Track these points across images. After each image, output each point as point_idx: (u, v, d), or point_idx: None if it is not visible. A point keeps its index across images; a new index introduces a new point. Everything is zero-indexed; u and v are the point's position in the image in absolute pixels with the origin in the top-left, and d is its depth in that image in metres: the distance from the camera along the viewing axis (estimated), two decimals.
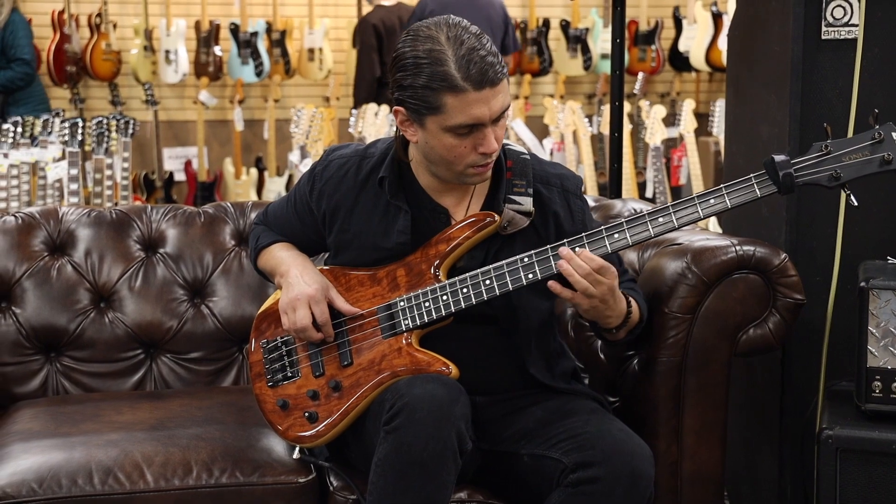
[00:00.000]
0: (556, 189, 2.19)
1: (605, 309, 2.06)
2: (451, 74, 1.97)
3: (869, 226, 2.52)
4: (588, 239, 2.06)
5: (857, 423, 2.21)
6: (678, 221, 2.03)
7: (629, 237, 2.05)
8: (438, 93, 1.98)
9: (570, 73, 7.96)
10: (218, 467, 2.14)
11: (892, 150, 1.96)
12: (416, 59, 1.99)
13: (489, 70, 1.97)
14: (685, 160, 5.49)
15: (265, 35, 7.52)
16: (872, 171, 1.97)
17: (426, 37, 2.01)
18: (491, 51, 2.00)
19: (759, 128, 2.68)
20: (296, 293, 2.17)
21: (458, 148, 2.03)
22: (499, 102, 2.01)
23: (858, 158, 1.97)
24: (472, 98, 1.98)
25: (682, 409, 2.24)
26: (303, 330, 2.15)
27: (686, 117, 5.47)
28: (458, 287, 2.10)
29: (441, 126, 2.02)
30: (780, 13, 2.56)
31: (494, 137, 2.03)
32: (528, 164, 2.18)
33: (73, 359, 2.64)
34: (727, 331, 2.24)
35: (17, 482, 2.08)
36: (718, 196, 2.02)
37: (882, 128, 1.97)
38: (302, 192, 2.29)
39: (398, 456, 1.95)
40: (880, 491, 2.17)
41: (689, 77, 8.18)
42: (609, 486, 1.95)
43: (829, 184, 1.99)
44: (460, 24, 2.03)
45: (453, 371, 2.08)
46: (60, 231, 2.72)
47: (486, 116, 2.00)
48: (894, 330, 2.19)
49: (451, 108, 1.99)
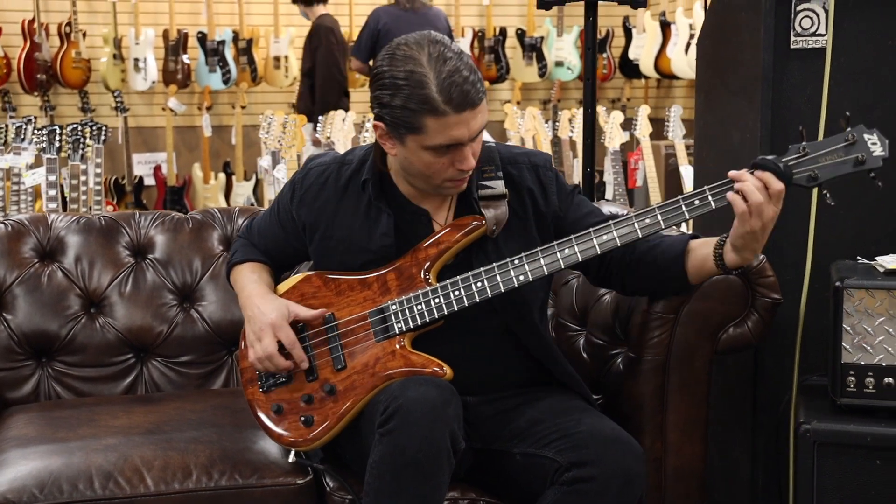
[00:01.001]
0: (524, 166, 2.17)
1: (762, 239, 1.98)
2: (432, 98, 1.91)
3: (837, 227, 2.51)
4: (577, 241, 2.03)
5: (832, 417, 2.20)
6: (665, 223, 2.01)
7: (617, 236, 2.02)
8: (419, 114, 1.93)
9: (526, 79, 7.96)
10: (217, 470, 2.09)
11: (864, 151, 1.96)
12: (395, 80, 1.93)
13: (470, 92, 1.92)
14: (641, 163, 5.49)
15: (232, 43, 7.44)
16: (847, 172, 1.97)
17: (406, 56, 1.94)
18: (472, 70, 1.95)
19: (731, 134, 2.67)
20: (258, 325, 2.12)
21: (435, 164, 2.00)
22: (478, 122, 1.96)
23: (834, 159, 1.97)
24: (452, 121, 1.93)
25: (666, 407, 2.22)
26: (269, 357, 2.09)
27: (642, 122, 5.48)
28: (450, 290, 2.06)
29: (420, 145, 1.98)
30: (751, 23, 2.55)
31: (472, 153, 2.00)
32: (494, 150, 2.16)
33: (64, 364, 2.57)
34: (708, 330, 2.23)
35: (18, 488, 2.01)
36: (702, 197, 2.00)
37: (854, 130, 1.97)
38: (284, 202, 2.24)
39: (393, 458, 1.90)
40: (855, 482, 2.16)
41: (639, 84, 8.21)
42: (603, 485, 1.92)
43: (807, 184, 1.98)
44: (442, 41, 1.97)
45: (447, 372, 2.04)
46: (50, 238, 2.64)
47: (466, 137, 1.96)
48: (867, 327, 2.18)
49: (431, 130, 1.94)
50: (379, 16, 6.36)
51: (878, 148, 1.95)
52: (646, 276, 2.14)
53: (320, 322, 2.13)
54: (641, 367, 2.22)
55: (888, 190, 2.51)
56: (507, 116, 6.30)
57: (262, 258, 2.28)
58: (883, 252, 2.41)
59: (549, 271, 2.04)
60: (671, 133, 5.55)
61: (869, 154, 1.95)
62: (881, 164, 1.95)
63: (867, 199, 2.54)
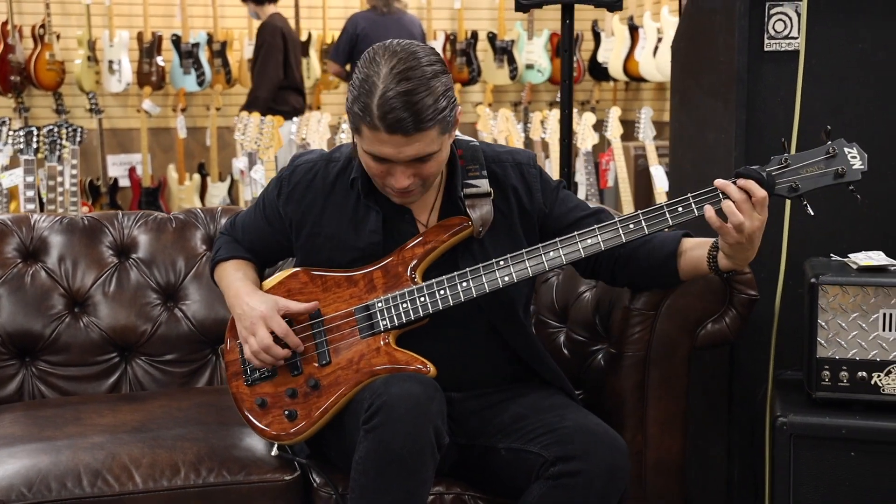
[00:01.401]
0: (508, 164, 2.17)
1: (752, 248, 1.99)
2: (370, 110, 1.89)
3: (810, 227, 2.53)
4: (562, 244, 2.04)
5: (808, 410, 2.22)
6: (648, 230, 2.02)
7: (601, 241, 2.03)
8: (359, 119, 1.92)
9: (497, 82, 7.97)
10: (205, 467, 2.07)
11: (844, 164, 1.98)
12: (356, 80, 1.94)
13: (405, 120, 1.88)
14: (613, 164, 5.51)
15: (206, 46, 7.39)
16: (827, 184, 1.99)
17: (372, 61, 1.93)
18: (425, 98, 1.88)
19: (706, 134, 2.69)
20: (249, 320, 2.11)
21: (373, 169, 2.00)
22: (412, 150, 1.93)
23: (814, 171, 1.99)
24: (383, 137, 1.91)
25: (647, 402, 2.24)
26: (267, 349, 2.08)
27: (613, 124, 5.50)
28: (436, 289, 2.06)
29: (361, 146, 1.99)
30: (725, 26, 2.57)
31: (415, 173, 1.97)
32: (478, 149, 2.16)
33: (48, 363, 2.54)
34: (688, 326, 2.24)
35: (6, 486, 1.99)
36: (686, 205, 2.00)
37: (835, 143, 1.99)
38: (270, 198, 2.22)
39: (378, 454, 1.90)
40: (830, 473, 2.18)
41: (608, 86, 8.24)
42: (589, 479, 1.93)
43: (788, 194, 2.00)
44: (418, 60, 1.92)
45: (431, 370, 2.04)
46: (33, 238, 2.62)
47: (394, 157, 1.94)
48: (841, 323, 2.21)
49: (366, 137, 1.94)
50: (357, 21, 6.37)
51: (857, 161, 1.97)
52: (636, 271, 2.15)
53: (306, 317, 2.12)
54: (623, 363, 2.23)
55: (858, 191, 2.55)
56: (480, 118, 6.30)
57: (245, 255, 2.27)
58: (853, 249, 2.43)
59: (534, 273, 2.04)
60: (642, 134, 5.57)
61: (849, 167, 1.97)
62: (860, 177, 1.98)
63: (838, 199, 2.56)
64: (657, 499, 2.26)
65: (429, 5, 7.89)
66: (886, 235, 2.52)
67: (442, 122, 1.93)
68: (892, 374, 2.19)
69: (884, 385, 2.20)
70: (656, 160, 5.42)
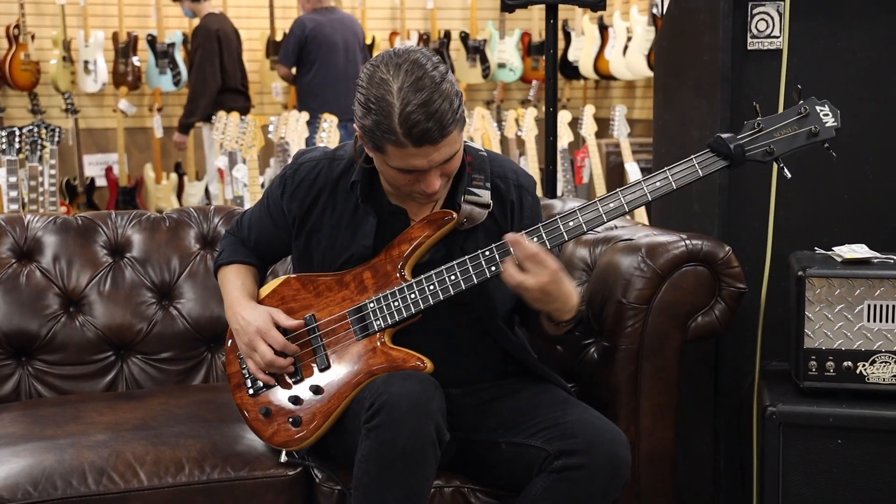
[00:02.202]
0: (511, 182, 2.17)
1: (551, 300, 1.98)
2: (393, 129, 1.87)
3: (793, 220, 2.57)
4: (545, 228, 2.02)
5: (796, 400, 2.25)
6: (628, 206, 2.00)
7: (583, 222, 2.00)
8: (382, 139, 1.90)
9: (470, 81, 7.98)
10: (209, 463, 2.06)
11: (817, 123, 1.98)
12: (368, 101, 1.90)
13: (432, 131, 1.86)
14: (588, 161, 5.54)
15: (182, 46, 7.34)
16: (801, 144, 1.98)
17: (382, 80, 1.89)
18: (447, 98, 1.87)
19: (690, 131, 2.71)
20: (247, 337, 2.11)
21: (400, 180, 1.98)
22: (440, 155, 1.92)
23: (788, 133, 1.98)
24: (411, 152, 1.90)
25: (640, 393, 2.25)
26: (271, 363, 2.09)
27: (587, 121, 5.52)
28: (425, 284, 2.05)
29: (384, 162, 1.97)
30: (709, 26, 2.59)
31: (442, 174, 1.97)
32: (486, 160, 2.16)
33: (44, 362, 2.52)
34: (679, 319, 2.26)
35: (11, 485, 1.97)
36: (663, 177, 1.99)
37: (806, 102, 1.99)
38: (274, 196, 2.22)
39: (381, 452, 1.90)
40: (818, 461, 2.21)
41: (578, 84, 8.28)
42: (592, 472, 1.94)
43: (763, 158, 1.99)
44: (425, 67, 1.89)
45: (428, 366, 2.04)
46: (27, 238, 2.59)
47: (425, 166, 1.93)
48: (828, 314, 2.23)
49: (392, 155, 1.92)
50: (304, 23, 6.38)
51: (829, 119, 1.97)
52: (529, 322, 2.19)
53: (302, 324, 2.12)
54: (616, 356, 2.25)
55: (837, 185, 2.59)
56: None
57: (247, 259, 2.26)
58: (834, 243, 2.46)
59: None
60: (616, 131, 5.60)
61: (822, 125, 1.97)
62: (834, 134, 1.97)
63: (820, 194, 2.60)
64: (649, 489, 2.28)
65: (402, 5, 7.89)
66: (867, 229, 2.56)
67: (460, 121, 1.93)
68: (877, 363, 2.22)
69: (868, 374, 2.23)
70: (630, 157, 5.45)
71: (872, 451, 2.18)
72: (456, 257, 2.06)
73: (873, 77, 2.56)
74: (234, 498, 2.05)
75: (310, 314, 2.12)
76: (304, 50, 6.30)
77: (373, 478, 1.90)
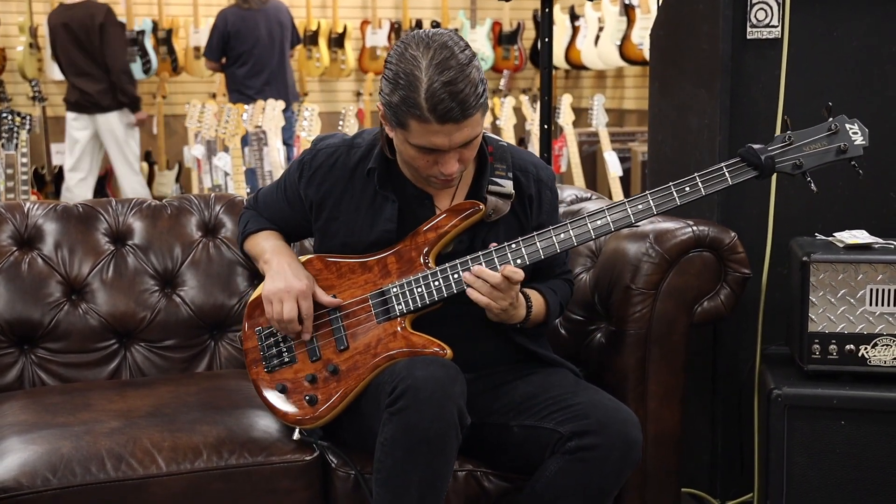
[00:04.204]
0: (531, 176, 2.20)
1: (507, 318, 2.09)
2: (419, 104, 1.91)
3: (790, 207, 2.62)
4: (572, 225, 2.06)
5: (800, 383, 2.30)
6: (657, 209, 2.06)
7: (610, 221, 2.06)
8: (406, 114, 1.94)
9: None
10: (226, 449, 2.07)
11: (846, 141, 2.04)
12: (397, 77, 1.94)
13: (454, 109, 1.91)
14: (565, 150, 5.58)
15: (152, 34, 7.27)
16: (830, 160, 2.05)
17: (412, 56, 1.94)
18: (471, 83, 1.92)
19: (688, 120, 2.76)
20: (285, 286, 2.12)
21: (419, 160, 2.02)
22: (462, 135, 1.96)
23: (818, 148, 2.05)
24: (434, 129, 1.94)
25: (647, 377, 2.29)
26: (289, 322, 2.11)
27: (565, 111, 5.56)
28: (449, 273, 2.08)
29: (405, 140, 2.00)
30: (709, 15, 2.64)
31: (459, 158, 2.00)
32: (507, 150, 2.19)
33: (48, 350, 2.51)
34: (685, 304, 2.30)
35: (30, 472, 1.96)
36: (693, 185, 2.05)
37: (836, 120, 2.05)
38: (291, 180, 2.23)
39: (405, 435, 1.92)
40: (822, 441, 2.26)
41: None
42: (606, 453, 1.97)
43: (792, 171, 2.06)
44: (452, 49, 1.94)
45: (448, 352, 2.06)
46: (28, 226, 2.57)
47: (446, 146, 1.97)
48: (830, 298, 2.29)
49: (414, 131, 1.96)
50: (226, 17, 6.46)
51: (859, 137, 2.04)
52: None
53: (337, 303, 2.14)
54: (625, 340, 2.29)
55: (833, 173, 2.63)
56: None
57: (274, 227, 2.28)
58: (832, 229, 2.52)
59: (546, 254, 2.07)
60: (595, 121, 5.65)
61: (851, 143, 2.03)
62: (862, 152, 2.04)
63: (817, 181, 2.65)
64: (656, 469, 2.32)
65: None
66: (866, 215, 2.62)
67: (483, 105, 1.96)
68: (878, 346, 2.28)
69: (870, 357, 2.29)
70: (609, 146, 5.50)
71: (875, 432, 2.24)
72: (478, 249, 2.09)
73: (869, 66, 2.62)
74: (251, 483, 2.06)
75: (331, 294, 2.14)
76: (229, 44, 6.40)
77: (397, 461, 1.92)
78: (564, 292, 2.25)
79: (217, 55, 6.44)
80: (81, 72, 6.26)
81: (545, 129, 3.16)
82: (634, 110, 7.57)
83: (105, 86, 6.23)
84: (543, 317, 2.17)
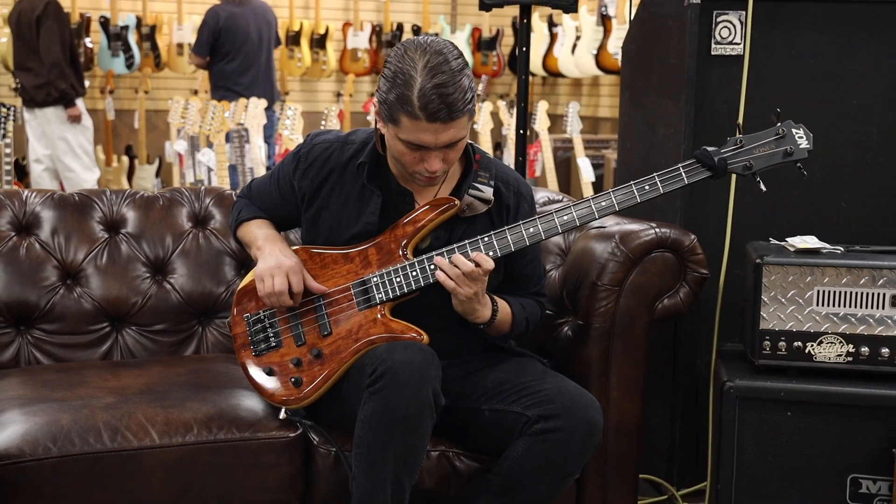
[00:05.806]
0: (512, 188, 2.36)
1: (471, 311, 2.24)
2: (411, 101, 2.08)
3: (748, 213, 2.81)
4: (541, 220, 2.23)
5: (751, 376, 2.48)
6: (619, 205, 2.23)
7: (576, 216, 2.23)
8: (398, 110, 2.11)
9: None
10: (216, 425, 2.22)
11: (792, 144, 2.23)
12: (395, 76, 2.11)
13: (444, 110, 2.07)
14: (540, 155, 5.75)
15: (135, 29, 7.39)
16: (777, 162, 2.23)
17: (410, 57, 2.11)
18: (461, 90, 2.08)
19: (655, 129, 2.94)
20: (275, 263, 2.27)
21: (406, 156, 2.18)
22: (448, 136, 2.12)
23: (766, 151, 2.23)
24: (423, 126, 2.10)
25: (610, 368, 2.46)
26: (279, 294, 2.25)
27: (541, 117, 5.74)
28: (426, 264, 2.25)
29: (395, 135, 2.16)
30: (677, 31, 2.82)
31: (443, 159, 2.16)
32: (492, 162, 2.36)
33: (43, 331, 2.65)
34: (647, 300, 2.47)
35: (31, 440, 2.10)
36: (652, 183, 2.22)
37: (783, 125, 2.23)
38: (286, 171, 2.39)
39: (384, 414, 2.08)
40: (770, 431, 2.44)
41: None
42: (569, 435, 2.14)
43: (743, 172, 2.23)
44: (446, 56, 2.10)
45: (425, 337, 2.23)
46: (26, 212, 2.71)
47: (432, 143, 2.13)
48: (781, 298, 2.47)
49: (404, 127, 2.12)
50: (217, 13, 6.57)
51: (804, 141, 2.22)
52: None
53: (324, 290, 2.29)
54: (590, 334, 2.45)
55: (788, 182, 2.83)
56: None
57: (267, 217, 2.44)
58: (786, 234, 2.70)
59: (516, 247, 2.24)
60: (569, 127, 5.83)
61: (797, 147, 2.22)
62: (807, 155, 2.22)
63: (772, 189, 2.83)
64: (616, 456, 2.49)
65: None
66: (817, 222, 2.81)
67: (471, 111, 2.13)
68: (824, 343, 2.47)
69: (816, 353, 2.47)
70: (583, 152, 5.68)
71: (819, 423, 2.42)
72: (455, 244, 2.25)
73: (823, 82, 2.81)
74: (238, 457, 2.21)
75: None
76: (219, 41, 6.51)
77: (375, 436, 2.09)
78: (533, 312, 2.39)
79: (206, 51, 6.54)
80: (21, 65, 6.24)
81: (521, 133, 3.32)
82: (609, 118, 7.76)
83: (42, 80, 6.12)
84: (508, 326, 2.32)
